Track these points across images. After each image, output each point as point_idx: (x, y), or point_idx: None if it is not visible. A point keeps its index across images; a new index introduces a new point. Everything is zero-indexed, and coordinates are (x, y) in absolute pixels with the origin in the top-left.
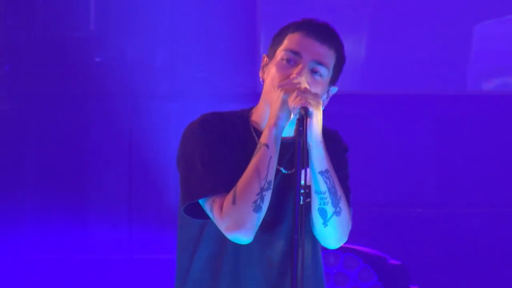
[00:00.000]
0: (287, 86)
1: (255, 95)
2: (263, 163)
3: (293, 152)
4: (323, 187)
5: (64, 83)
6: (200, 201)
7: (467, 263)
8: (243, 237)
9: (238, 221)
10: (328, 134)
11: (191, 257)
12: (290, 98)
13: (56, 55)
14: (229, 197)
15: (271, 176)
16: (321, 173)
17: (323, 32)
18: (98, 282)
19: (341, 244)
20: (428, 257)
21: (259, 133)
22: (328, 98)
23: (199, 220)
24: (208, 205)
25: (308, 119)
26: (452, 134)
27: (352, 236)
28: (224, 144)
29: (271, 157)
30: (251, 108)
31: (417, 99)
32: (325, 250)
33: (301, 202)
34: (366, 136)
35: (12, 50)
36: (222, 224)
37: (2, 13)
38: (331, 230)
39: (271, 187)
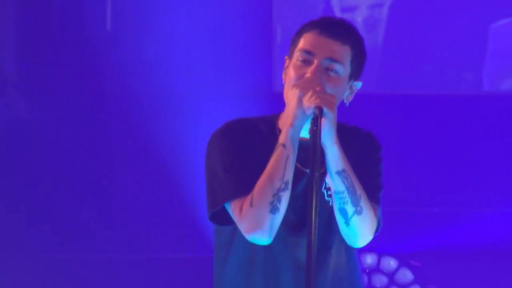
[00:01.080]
0: (303, 85)
1: (271, 95)
2: (279, 164)
3: (317, 154)
4: (340, 187)
5: (80, 83)
6: (226, 205)
7: (481, 263)
8: (261, 238)
9: (255, 222)
10: (360, 133)
11: (224, 263)
12: (305, 98)
13: (72, 55)
14: (248, 199)
15: (288, 177)
16: (338, 173)
17: (336, 29)
18: (113, 283)
19: (366, 242)
20: (442, 257)
21: None
22: (353, 94)
23: (229, 226)
24: (231, 209)
25: (322, 119)
26: (468, 134)
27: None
28: (247, 150)
29: (287, 156)
30: (279, 113)
31: (431, 99)
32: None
33: (331, 204)
34: (377, 136)
35: (29, 49)
36: (241, 226)
37: (19, 13)
38: (354, 229)
39: (289, 187)
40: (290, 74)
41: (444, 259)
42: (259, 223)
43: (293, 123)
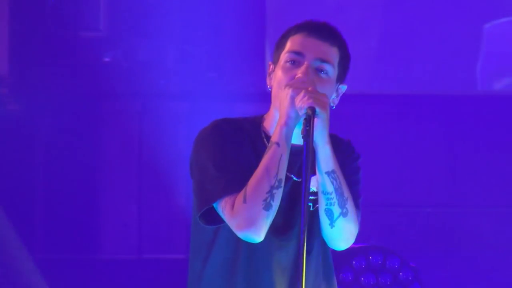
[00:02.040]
0: (295, 85)
1: (264, 95)
2: (274, 161)
3: (296, 159)
4: (329, 187)
5: (73, 83)
6: (214, 204)
7: (477, 263)
8: (254, 235)
9: (248, 219)
10: (339, 142)
11: (204, 262)
12: (297, 98)
13: (65, 55)
14: (240, 195)
15: (282, 175)
16: (328, 173)
17: (324, 30)
18: (107, 282)
19: (348, 245)
20: (437, 258)
21: (269, 139)
22: (339, 97)
23: (211, 226)
24: (220, 206)
25: (315, 119)
26: (462, 134)
27: (360, 237)
28: (235, 148)
29: (281, 155)
30: (263, 115)
31: (426, 99)
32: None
33: (312, 209)
34: (374, 136)
35: (22, 50)
36: (233, 222)
37: (12, 13)
38: (338, 231)
39: (282, 185)
40: (278, 77)
41: (443, 258)
42: (252, 220)
43: (287, 122)
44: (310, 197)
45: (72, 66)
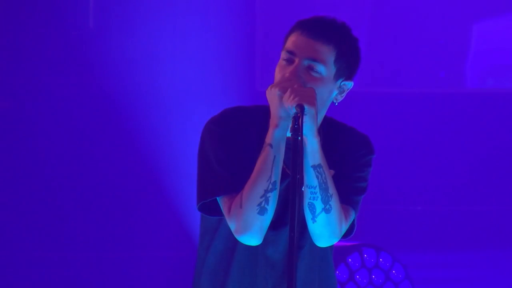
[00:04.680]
0: (281, 84)
1: (255, 94)
2: (267, 164)
3: (299, 152)
4: (313, 181)
5: (62, 80)
6: (217, 198)
7: (467, 262)
8: (250, 240)
9: (244, 224)
10: (356, 135)
11: (207, 250)
12: (285, 97)
13: (55, 52)
14: (237, 200)
15: (276, 177)
16: (314, 167)
17: (318, 29)
18: (102, 279)
19: (330, 243)
20: (428, 256)
21: None
22: (343, 94)
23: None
24: (221, 203)
25: (304, 116)
26: (451, 131)
27: (354, 234)
28: (241, 141)
29: (275, 156)
30: (266, 107)
31: (415, 97)
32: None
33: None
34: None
35: (11, 48)
36: (231, 226)
37: (1, 10)
38: (320, 227)
39: (277, 187)
40: (275, 74)
41: (434, 256)
42: (248, 225)
43: (278, 123)
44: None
45: (61, 63)
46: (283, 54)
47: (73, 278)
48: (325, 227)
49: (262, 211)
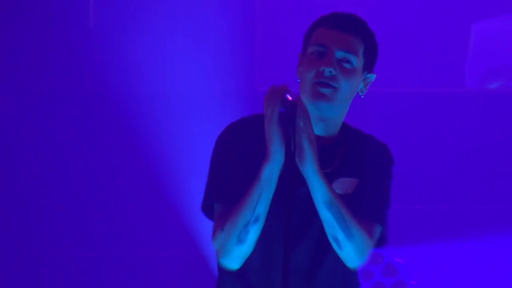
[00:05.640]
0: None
1: (255, 93)
2: (253, 198)
3: (327, 153)
4: (327, 216)
5: (62, 81)
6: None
7: (461, 259)
8: (228, 265)
9: (222, 249)
10: (375, 144)
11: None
12: (265, 104)
13: (55, 52)
14: (221, 221)
15: (260, 211)
16: (324, 203)
17: (347, 22)
18: (103, 279)
19: (361, 263)
20: (423, 253)
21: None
22: (367, 86)
23: None
24: (215, 210)
25: (303, 153)
26: (449, 131)
27: None
28: (248, 153)
29: (261, 193)
30: None
31: (413, 97)
32: None
33: None
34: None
35: (10, 48)
36: (214, 246)
37: (1, 10)
38: (347, 252)
39: (261, 221)
40: (304, 68)
41: (428, 254)
42: (226, 250)
43: (269, 157)
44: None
45: (61, 64)
46: (311, 49)
47: (74, 277)
48: (352, 251)
49: (240, 241)
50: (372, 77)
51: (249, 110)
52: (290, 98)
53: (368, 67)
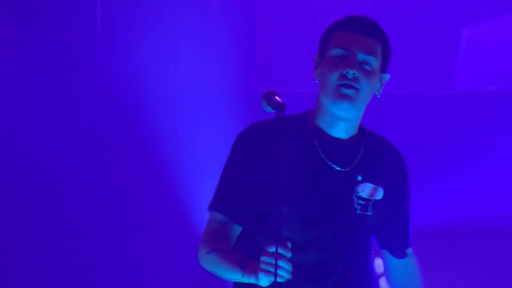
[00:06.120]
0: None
1: (254, 94)
2: (229, 272)
3: (347, 152)
4: None
5: (70, 83)
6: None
7: (456, 257)
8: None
9: (203, 266)
10: (393, 153)
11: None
12: (261, 270)
13: (62, 55)
14: (205, 246)
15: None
16: None
17: (366, 25)
18: (104, 279)
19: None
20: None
21: (321, 136)
22: (383, 86)
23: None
24: (210, 216)
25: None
26: (439, 132)
27: None
28: (261, 160)
29: (231, 275)
30: (308, 112)
31: (405, 98)
32: None
33: (358, 212)
34: None
35: (18, 50)
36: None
37: (6, 14)
38: None
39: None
40: (326, 71)
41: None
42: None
43: (255, 277)
44: (359, 201)
45: (68, 66)
46: (333, 52)
47: (76, 277)
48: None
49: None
50: (387, 77)
51: (249, 111)
52: (279, 99)
53: (384, 67)
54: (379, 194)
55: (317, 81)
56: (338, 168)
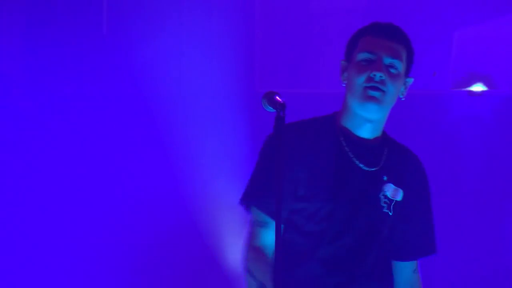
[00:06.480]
0: None
1: (255, 94)
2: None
3: (374, 152)
4: None
5: (75, 85)
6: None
7: (453, 257)
8: None
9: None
10: (421, 167)
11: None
12: None
13: (68, 58)
14: (252, 263)
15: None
16: None
17: (391, 31)
18: (112, 282)
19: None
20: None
21: (348, 137)
22: (407, 89)
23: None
24: (251, 213)
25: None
26: (433, 130)
27: None
28: (291, 161)
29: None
30: (335, 113)
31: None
32: None
33: (385, 210)
34: None
35: (24, 53)
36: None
37: (14, 18)
38: None
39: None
40: (354, 75)
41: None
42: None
43: None
44: (385, 200)
45: (74, 69)
46: (361, 56)
47: (76, 277)
48: None
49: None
50: (411, 80)
51: (249, 111)
52: (279, 99)
53: (408, 71)
54: (399, 196)
55: (343, 85)
56: (365, 168)
